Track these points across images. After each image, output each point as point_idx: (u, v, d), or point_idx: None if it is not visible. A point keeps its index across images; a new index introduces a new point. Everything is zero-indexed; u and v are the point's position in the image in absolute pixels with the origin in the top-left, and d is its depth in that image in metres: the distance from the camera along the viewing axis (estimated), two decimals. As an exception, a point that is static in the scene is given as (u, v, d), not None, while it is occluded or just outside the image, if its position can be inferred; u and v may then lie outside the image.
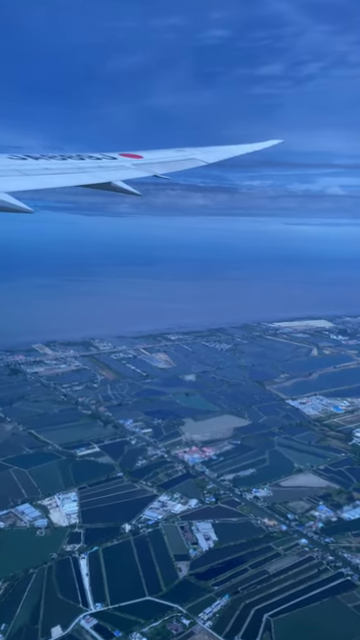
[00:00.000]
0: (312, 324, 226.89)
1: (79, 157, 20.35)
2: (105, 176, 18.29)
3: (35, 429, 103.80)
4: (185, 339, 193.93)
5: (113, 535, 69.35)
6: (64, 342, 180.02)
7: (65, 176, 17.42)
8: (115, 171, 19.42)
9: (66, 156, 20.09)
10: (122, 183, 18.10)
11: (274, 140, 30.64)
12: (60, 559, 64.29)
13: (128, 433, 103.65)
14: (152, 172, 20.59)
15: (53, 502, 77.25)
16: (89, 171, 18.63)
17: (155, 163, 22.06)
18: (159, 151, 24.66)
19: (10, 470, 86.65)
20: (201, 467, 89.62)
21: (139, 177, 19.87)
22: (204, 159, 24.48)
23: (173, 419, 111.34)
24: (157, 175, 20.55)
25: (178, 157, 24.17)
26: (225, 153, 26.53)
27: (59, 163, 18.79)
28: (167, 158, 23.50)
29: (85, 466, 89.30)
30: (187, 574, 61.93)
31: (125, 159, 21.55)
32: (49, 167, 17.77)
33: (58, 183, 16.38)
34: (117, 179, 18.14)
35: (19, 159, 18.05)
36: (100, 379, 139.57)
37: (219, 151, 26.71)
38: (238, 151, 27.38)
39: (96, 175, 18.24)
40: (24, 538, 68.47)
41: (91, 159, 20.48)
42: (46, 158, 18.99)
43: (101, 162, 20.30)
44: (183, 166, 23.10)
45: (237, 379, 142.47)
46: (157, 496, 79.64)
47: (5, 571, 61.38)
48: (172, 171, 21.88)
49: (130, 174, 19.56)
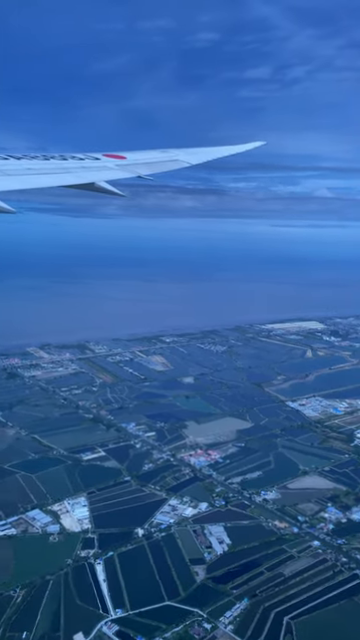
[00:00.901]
0: (304, 325, 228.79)
1: (62, 157, 20.23)
2: (88, 176, 18.27)
3: (38, 434, 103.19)
4: (180, 341, 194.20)
5: (127, 540, 69.28)
6: (59, 345, 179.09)
7: (48, 176, 17.35)
8: (98, 172, 19.41)
9: (49, 156, 19.95)
10: (105, 184, 18.11)
11: (257, 142, 31.09)
12: (76, 565, 64.03)
13: (132, 437, 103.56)
14: (136, 173, 20.57)
15: (63, 507, 76.90)
16: (72, 171, 18.57)
17: (139, 164, 22.06)
18: (143, 152, 24.69)
19: (17, 475, 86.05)
20: (208, 470, 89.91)
21: (123, 178, 19.88)
22: (188, 160, 24.61)
23: (175, 422, 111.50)
24: (141, 176, 20.51)
25: (162, 158, 24.25)
26: (209, 154, 26.69)
27: (42, 163, 18.69)
28: (151, 159, 23.53)
29: (92, 470, 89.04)
30: (204, 578, 62.13)
31: (108, 160, 21.53)
32: (32, 167, 17.68)
33: (41, 183, 16.31)
34: (100, 179, 18.14)
35: (1, 159, 17.90)
36: (99, 382, 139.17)
37: (203, 152, 26.85)
38: (221, 153, 27.65)
39: (79, 175, 18.21)
40: (37, 544, 68.08)
41: (74, 159, 20.39)
42: (28, 158, 18.88)
43: (84, 162, 20.24)
44: (167, 167, 23.16)
45: (235, 381, 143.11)
46: (167, 500, 79.72)
47: (22, 578, 61.03)
48: (156, 172, 21.88)
49: (114, 175, 19.56)
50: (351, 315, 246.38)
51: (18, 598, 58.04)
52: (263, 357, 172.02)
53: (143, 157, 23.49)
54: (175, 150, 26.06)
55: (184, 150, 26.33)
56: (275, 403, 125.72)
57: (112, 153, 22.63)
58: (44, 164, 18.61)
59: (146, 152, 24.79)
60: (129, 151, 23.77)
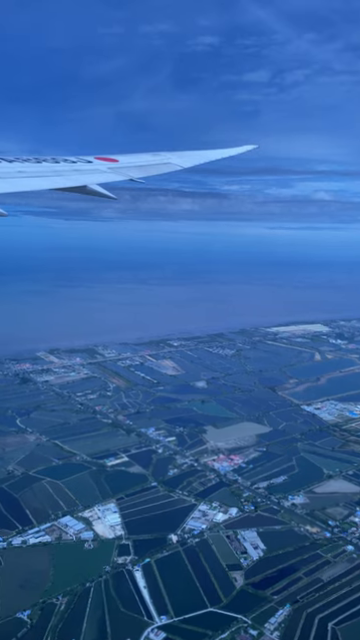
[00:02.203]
0: (309, 328, 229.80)
1: (54, 160, 20.25)
2: (81, 179, 18.25)
3: (59, 439, 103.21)
4: (187, 345, 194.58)
5: (161, 546, 69.47)
6: (68, 349, 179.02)
7: (40, 179, 17.32)
8: (91, 174, 19.40)
9: (41, 159, 19.93)
10: (98, 186, 18.12)
11: (249, 145, 31.35)
12: (114, 572, 64.16)
13: (153, 442, 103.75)
14: (128, 176, 20.60)
15: (94, 514, 76.99)
16: (64, 174, 18.55)
17: (131, 167, 22.08)
18: (135, 155, 24.74)
19: (43, 482, 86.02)
20: (233, 475, 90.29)
21: (115, 181, 19.88)
22: (180, 164, 24.75)
23: (194, 427, 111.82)
24: (133, 179, 20.53)
25: (154, 161, 24.34)
26: (201, 158, 26.79)
27: (34, 166, 18.64)
28: (143, 162, 23.59)
29: (117, 476, 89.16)
30: (243, 584, 62.46)
31: (101, 163, 21.56)
32: (23, 170, 17.62)
33: (33, 186, 16.25)
34: (93, 182, 18.14)
35: None
36: (112, 387, 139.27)
37: (195, 156, 26.95)
38: (214, 156, 27.84)
39: (71, 178, 18.18)
40: (73, 551, 68.16)
41: (66, 162, 20.38)
42: (20, 161, 18.81)
43: (76, 165, 20.23)
44: (159, 170, 23.22)
45: (248, 385, 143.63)
46: (196, 505, 80.00)
47: (63, 585, 61.12)
48: (148, 175, 21.96)
49: (106, 178, 19.55)
50: (354, 318, 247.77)
51: (62, 606, 58.11)
52: (272, 360, 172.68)
53: (135, 160, 23.56)
54: (167, 153, 26.19)
55: (176, 153, 26.53)
56: (290, 407, 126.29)
57: (104, 156, 22.70)
58: (36, 167, 18.59)
59: (138, 155, 24.88)
60: (121, 154, 23.89)
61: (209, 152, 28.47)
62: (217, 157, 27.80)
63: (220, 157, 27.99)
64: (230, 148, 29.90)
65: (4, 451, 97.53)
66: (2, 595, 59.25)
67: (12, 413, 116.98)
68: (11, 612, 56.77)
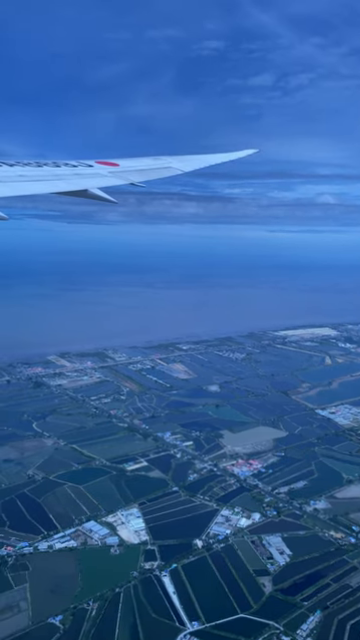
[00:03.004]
0: (317, 332, 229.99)
1: (55, 164, 20.24)
2: (81, 183, 18.31)
3: (76, 444, 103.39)
4: (197, 349, 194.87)
5: (187, 551, 69.54)
6: (78, 353, 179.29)
7: (41, 183, 17.34)
8: (91, 179, 19.46)
9: (42, 163, 19.93)
10: (98, 190, 18.19)
11: (250, 150, 31.44)
12: (142, 577, 64.26)
13: (170, 446, 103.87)
14: (128, 180, 20.63)
15: (118, 519, 77.10)
16: (65, 178, 18.57)
17: (131, 171, 22.12)
18: (136, 159, 24.80)
19: (65, 487, 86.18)
20: (253, 480, 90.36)
21: (115, 185, 19.91)
22: (181, 168, 24.77)
23: (210, 431, 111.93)
24: (134, 183, 20.57)
25: (155, 165, 24.36)
26: (201, 162, 26.84)
27: (35, 170, 18.64)
28: (144, 166, 23.64)
29: (138, 481, 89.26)
30: (272, 590, 62.52)
31: (101, 167, 21.60)
32: (24, 174, 17.64)
33: (34, 190, 16.28)
34: (93, 186, 18.24)
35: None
36: (125, 391, 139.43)
37: (195, 160, 26.99)
38: (214, 160, 27.93)
39: (72, 182, 18.23)
40: (100, 557, 68.29)
41: (67, 166, 20.40)
42: (21, 165, 18.80)
43: (77, 169, 20.28)
44: (160, 174, 23.26)
45: (261, 389, 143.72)
46: (218, 510, 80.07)
47: (92, 591, 61.24)
48: (149, 179, 21.92)
49: (106, 182, 19.59)
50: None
51: (93, 611, 58.21)
52: (283, 364, 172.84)
53: (136, 164, 23.63)
54: (168, 157, 26.19)
55: (177, 157, 26.57)
56: (305, 411, 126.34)
57: (105, 160, 22.74)
58: (37, 171, 18.61)
59: (139, 159, 24.92)
60: (122, 158, 23.91)
61: (210, 156, 28.57)
62: (218, 161, 27.93)
63: (221, 161, 28.12)
64: (231, 152, 30.02)
65: (23, 455, 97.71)
66: (33, 600, 59.34)
67: (28, 417, 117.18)
68: (43, 617, 56.89)
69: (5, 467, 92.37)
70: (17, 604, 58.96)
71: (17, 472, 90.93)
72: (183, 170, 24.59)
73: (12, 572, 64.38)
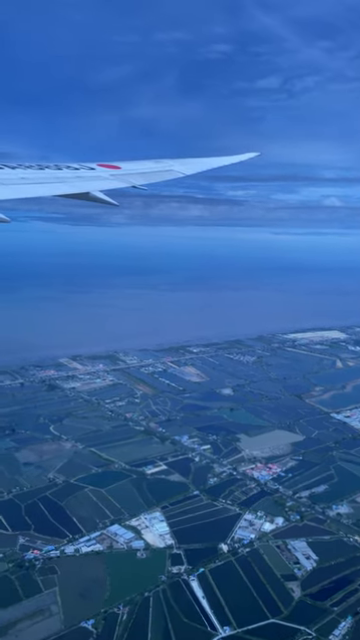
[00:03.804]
0: (326, 335, 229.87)
1: (57, 167, 20.29)
2: (83, 186, 18.35)
3: (95, 447, 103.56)
4: (207, 351, 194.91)
5: (213, 556, 69.63)
6: (89, 356, 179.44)
7: (43, 186, 17.39)
8: (93, 181, 19.52)
9: (44, 166, 19.98)
10: (100, 193, 18.20)
11: (251, 153, 31.58)
12: (170, 581, 64.36)
13: (188, 450, 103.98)
14: (130, 183, 20.63)
15: (141, 522, 77.22)
16: (67, 181, 18.64)
17: (133, 174, 22.17)
18: (137, 162, 24.85)
19: (86, 490, 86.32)
20: (273, 484, 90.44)
21: (117, 188, 19.89)
22: (182, 171, 24.88)
23: (227, 435, 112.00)
24: (135, 186, 20.54)
25: (156, 168, 24.43)
26: (203, 165, 26.94)
27: (36, 173, 18.71)
28: (145, 169, 23.69)
29: (158, 485, 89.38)
30: (301, 595, 62.58)
31: (103, 169, 21.68)
32: (26, 177, 17.69)
33: (35, 193, 16.32)
34: (95, 189, 18.26)
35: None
36: (139, 394, 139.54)
37: (197, 163, 27.05)
38: (216, 163, 28.02)
39: (74, 185, 18.28)
40: (127, 560, 68.40)
41: (69, 169, 20.47)
42: (23, 168, 18.85)
43: (79, 172, 20.35)
44: (161, 177, 23.29)
45: (274, 393, 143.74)
46: (241, 515, 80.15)
47: (122, 595, 61.36)
48: (150, 182, 21.93)
49: (108, 184, 19.63)
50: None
51: (124, 615, 58.33)
52: (294, 367, 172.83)
53: (137, 167, 23.68)
54: (170, 160, 26.32)
55: (179, 160, 26.70)
56: (320, 415, 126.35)
57: (107, 163, 22.81)
58: (39, 174, 18.70)
59: (140, 162, 24.98)
60: (124, 161, 23.99)
61: (211, 159, 28.67)
62: (219, 164, 28.03)
63: (222, 164, 28.22)
64: (232, 155, 30.13)
65: (42, 459, 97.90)
66: (64, 603, 59.47)
67: (44, 420, 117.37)
68: (75, 621, 57.01)
69: (26, 470, 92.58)
70: (48, 608, 59.09)
71: (38, 475, 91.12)
72: (185, 173, 24.72)
73: (41, 575, 64.53)
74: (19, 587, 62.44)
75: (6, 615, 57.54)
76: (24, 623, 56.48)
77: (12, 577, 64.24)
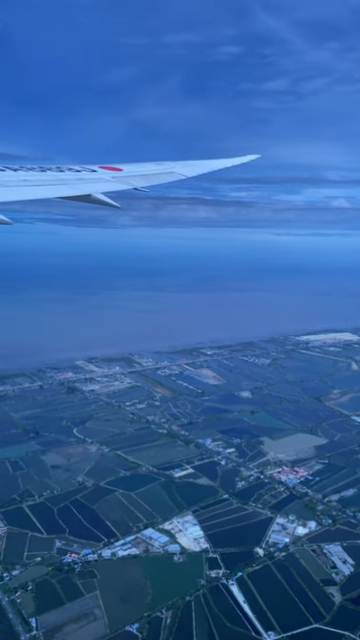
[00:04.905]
0: (338, 337, 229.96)
1: (58, 169, 20.35)
2: (85, 188, 18.40)
3: (120, 450, 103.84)
4: (221, 354, 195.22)
5: (250, 560, 69.69)
6: (105, 358, 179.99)
7: (44, 188, 17.43)
8: (95, 183, 19.58)
9: (45, 168, 20.00)
10: (101, 195, 18.25)
11: (252, 155, 31.74)
12: (210, 586, 64.44)
13: (213, 453, 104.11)
14: (132, 185, 20.71)
15: (174, 526, 77.34)
16: (69, 183, 18.69)
17: (135, 176, 22.29)
18: (139, 164, 24.93)
19: (117, 493, 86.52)
20: (302, 488, 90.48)
21: (119, 190, 19.97)
22: (184, 173, 24.92)
23: (250, 438, 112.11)
24: (137, 188, 20.67)
25: (158, 170, 24.54)
26: (204, 167, 27.06)
27: (38, 175, 18.75)
28: (147, 171, 23.79)
29: (187, 488, 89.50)
30: (342, 600, 62.60)
31: (105, 172, 21.78)
32: (28, 179, 17.72)
33: (37, 195, 16.34)
34: (97, 191, 18.32)
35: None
36: (158, 396, 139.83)
37: (198, 165, 27.18)
38: (217, 165, 28.11)
39: (76, 187, 18.32)
40: (164, 564, 68.53)
41: (71, 171, 20.52)
42: (25, 170, 18.88)
43: (81, 174, 20.41)
44: (163, 179, 23.35)
45: (292, 395, 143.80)
46: (273, 518, 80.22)
47: (163, 599, 61.46)
48: (152, 184, 22.02)
49: (109, 187, 19.68)
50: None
51: (167, 619, 58.45)
52: (310, 370, 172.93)
53: (139, 169, 23.77)
54: (171, 163, 26.41)
55: (180, 163, 26.79)
56: (341, 418, 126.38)
57: (108, 165, 22.91)
58: (41, 176, 18.73)
59: (142, 164, 25.06)
60: (125, 163, 24.09)
61: (213, 162, 28.73)
62: (220, 166, 28.12)
63: (223, 166, 28.28)
64: (234, 158, 30.23)
65: (69, 462, 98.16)
66: (106, 608, 59.63)
67: (67, 423, 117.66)
68: (120, 625, 57.16)
69: (55, 473, 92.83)
70: (91, 611, 59.26)
71: (67, 478, 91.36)
72: (186, 175, 24.81)
73: (81, 579, 64.73)
74: (60, 591, 62.63)
75: (52, 619, 57.75)
76: (70, 627, 56.67)
77: (53, 581, 64.45)
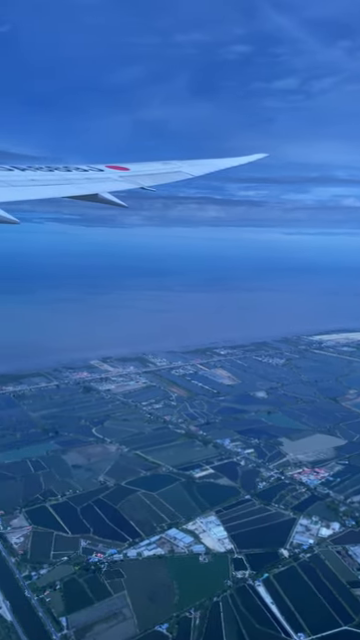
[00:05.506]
0: (352, 337, 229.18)
1: (66, 169, 20.38)
2: (92, 187, 18.39)
3: (139, 450, 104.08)
4: (234, 353, 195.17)
5: (275, 561, 69.64)
6: (119, 358, 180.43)
7: (52, 187, 17.46)
8: (102, 183, 19.57)
9: (53, 167, 20.05)
10: (108, 194, 18.19)
11: (259, 154, 31.63)
12: (237, 587, 64.47)
13: (232, 454, 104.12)
14: (138, 184, 20.67)
15: (198, 527, 77.43)
16: (76, 182, 18.70)
17: (142, 175, 22.20)
18: (146, 163, 24.89)
19: (138, 493, 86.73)
20: (323, 489, 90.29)
21: (126, 189, 19.96)
22: (190, 172, 24.86)
23: (269, 439, 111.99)
24: (144, 187, 20.60)
25: (164, 170, 24.51)
26: (211, 166, 26.95)
27: (46, 174, 18.76)
28: (153, 170, 23.76)
29: (209, 489, 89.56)
30: (369, 601, 62.39)
31: (112, 171, 21.74)
32: (35, 178, 17.75)
33: (44, 194, 16.38)
34: (104, 190, 18.29)
35: (5, 170, 17.99)
36: (174, 396, 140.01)
37: (205, 164, 27.09)
38: (224, 164, 28.00)
39: (83, 186, 18.34)
40: (190, 565, 68.63)
41: (78, 171, 20.52)
42: (33, 169, 18.91)
43: (88, 174, 20.42)
44: (170, 178, 23.30)
45: (308, 396, 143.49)
46: (296, 519, 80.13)
47: (191, 599, 61.58)
48: (158, 183, 21.97)
49: (117, 186, 19.64)
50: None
51: (196, 620, 58.57)
52: (325, 370, 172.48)
53: (146, 169, 23.71)
54: (178, 162, 26.34)
55: (187, 162, 26.70)
56: (358, 419, 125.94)
57: (115, 165, 22.87)
58: (48, 175, 18.75)
59: (149, 164, 24.98)
60: (132, 163, 24.03)
61: (219, 161, 28.64)
62: (227, 166, 28.01)
63: (230, 165, 28.22)
64: (241, 157, 30.20)
65: (90, 461, 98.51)
66: (135, 607, 59.81)
67: (86, 422, 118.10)
68: (149, 625, 57.34)
69: (76, 473, 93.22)
70: (120, 611, 59.48)
71: (88, 478, 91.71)
72: (193, 174, 24.78)
73: (108, 579, 64.99)
74: (88, 590, 62.91)
75: (82, 618, 58.03)
76: (100, 626, 56.93)
77: (80, 580, 64.75)
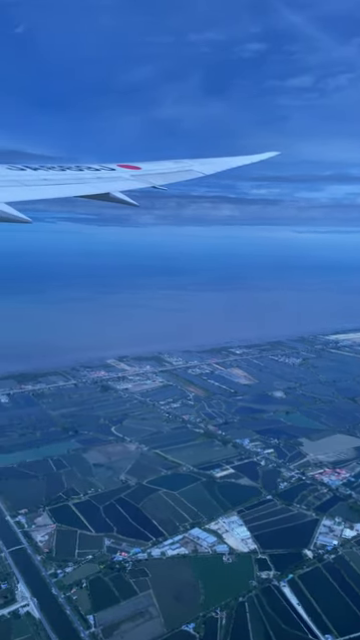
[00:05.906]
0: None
1: (78, 168, 20.39)
2: (104, 187, 18.34)
3: (159, 449, 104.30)
4: (251, 353, 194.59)
5: (299, 562, 69.41)
6: (135, 357, 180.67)
7: (64, 187, 17.47)
8: (113, 182, 19.54)
9: (65, 167, 20.09)
10: (120, 194, 18.14)
11: (271, 152, 31.36)
12: (261, 587, 64.37)
13: (252, 454, 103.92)
14: (150, 183, 20.62)
15: (221, 527, 77.41)
16: (88, 182, 18.69)
17: (153, 174, 22.13)
18: (157, 162, 24.85)
19: (160, 492, 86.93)
20: (345, 489, 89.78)
21: (137, 188, 19.88)
22: (202, 170, 24.77)
23: (288, 439, 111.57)
24: (155, 186, 20.53)
25: (176, 168, 24.42)
26: (223, 165, 26.78)
27: (58, 174, 18.82)
28: (165, 169, 23.68)
29: (230, 488, 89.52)
30: None
31: (123, 170, 21.68)
32: (48, 178, 17.83)
33: (57, 194, 16.39)
34: (115, 190, 18.25)
35: (18, 170, 18.03)
36: (192, 396, 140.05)
37: (217, 163, 26.90)
38: (235, 163, 27.75)
39: (95, 186, 18.33)
40: (214, 565, 68.67)
41: (90, 170, 20.51)
42: (45, 169, 18.97)
43: (100, 173, 20.37)
44: (181, 177, 23.25)
45: (326, 396, 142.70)
46: (319, 520, 79.79)
47: (216, 599, 61.63)
48: (170, 182, 21.89)
49: (128, 185, 19.63)
50: None
51: (222, 620, 58.58)
52: (342, 370, 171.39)
53: (157, 168, 23.67)
54: (189, 160, 26.24)
55: (198, 160, 26.56)
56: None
57: (127, 164, 22.79)
58: (60, 175, 18.79)
59: (160, 163, 24.93)
60: (144, 162, 23.93)
61: (231, 159, 28.43)
62: (239, 164, 27.83)
63: (242, 164, 28.04)
64: (253, 155, 29.94)
65: (110, 460, 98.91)
66: (161, 607, 59.96)
67: (105, 421, 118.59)
68: (176, 625, 57.45)
69: (97, 472, 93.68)
70: (147, 610, 59.68)
71: (109, 477, 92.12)
72: (204, 173, 24.68)
73: (133, 578, 65.23)
74: (114, 589, 63.19)
75: (109, 616, 58.33)
76: (127, 625, 57.17)
77: (106, 579, 65.07)
